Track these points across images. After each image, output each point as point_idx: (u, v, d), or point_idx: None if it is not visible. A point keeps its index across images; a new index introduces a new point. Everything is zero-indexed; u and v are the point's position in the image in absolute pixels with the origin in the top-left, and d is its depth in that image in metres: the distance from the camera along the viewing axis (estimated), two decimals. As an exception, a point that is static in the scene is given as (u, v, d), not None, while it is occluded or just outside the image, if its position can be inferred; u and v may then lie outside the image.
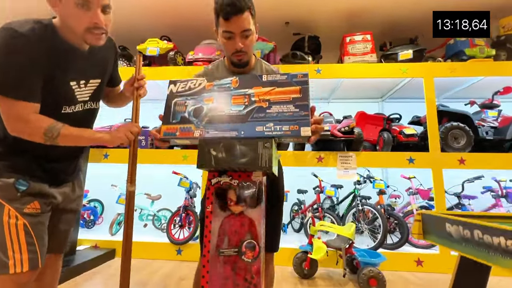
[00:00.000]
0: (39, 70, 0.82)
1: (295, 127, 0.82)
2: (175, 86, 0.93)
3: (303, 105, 0.83)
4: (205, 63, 2.85)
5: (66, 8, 0.80)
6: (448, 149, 2.62)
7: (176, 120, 0.89)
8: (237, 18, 0.95)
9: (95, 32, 0.84)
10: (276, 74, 0.88)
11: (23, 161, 0.89)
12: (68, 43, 0.87)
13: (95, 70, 0.98)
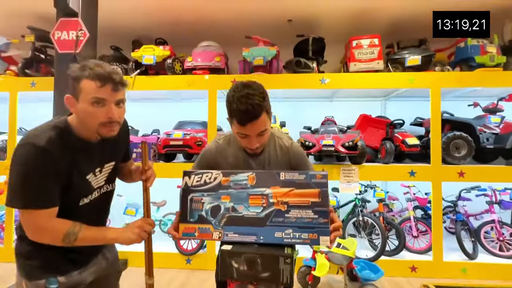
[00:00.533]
0: (58, 178, 0.85)
1: (314, 236, 0.83)
2: (189, 178, 0.91)
3: (322, 212, 0.83)
4: (205, 71, 2.73)
5: (83, 107, 0.85)
6: (449, 158, 2.66)
7: (194, 219, 0.89)
8: (252, 124, 0.91)
9: (109, 125, 0.88)
10: (294, 173, 0.86)
11: (49, 258, 0.91)
12: (83, 140, 0.91)
13: (108, 155, 1.01)
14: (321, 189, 0.84)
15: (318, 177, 0.85)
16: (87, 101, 0.83)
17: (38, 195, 0.81)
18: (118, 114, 0.89)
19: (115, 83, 0.85)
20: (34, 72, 2.97)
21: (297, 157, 1.10)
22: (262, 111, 0.92)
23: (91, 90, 0.82)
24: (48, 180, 0.82)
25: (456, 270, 2.46)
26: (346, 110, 3.47)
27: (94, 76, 0.82)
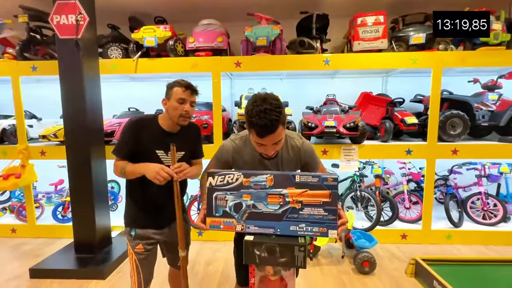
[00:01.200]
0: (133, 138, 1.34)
1: (324, 230, 0.98)
2: (213, 179, 1.03)
3: (332, 210, 0.97)
4: (208, 53, 2.70)
5: (172, 104, 1.33)
6: (444, 136, 2.79)
7: (219, 214, 1.03)
8: (270, 136, 1.01)
9: (184, 117, 1.34)
10: (308, 176, 0.97)
11: (134, 213, 1.41)
12: (162, 129, 1.38)
13: (180, 145, 1.37)
14: (331, 191, 0.97)
15: (329, 180, 0.97)
16: (175, 100, 1.31)
17: (119, 146, 1.35)
18: (191, 110, 1.35)
19: (193, 90, 1.34)
20: (33, 55, 2.91)
21: (308, 155, 1.22)
22: (279, 125, 1.00)
23: (179, 93, 1.31)
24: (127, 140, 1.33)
25: (442, 237, 2.75)
26: (347, 88, 3.50)
27: (182, 85, 1.33)
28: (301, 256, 0.95)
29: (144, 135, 1.34)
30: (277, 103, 1.01)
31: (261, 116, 0.97)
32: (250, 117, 1.00)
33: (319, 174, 0.98)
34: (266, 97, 1.02)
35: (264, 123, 0.97)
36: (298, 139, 1.23)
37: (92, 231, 2.46)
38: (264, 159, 1.19)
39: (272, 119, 0.97)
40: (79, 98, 2.36)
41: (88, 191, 2.43)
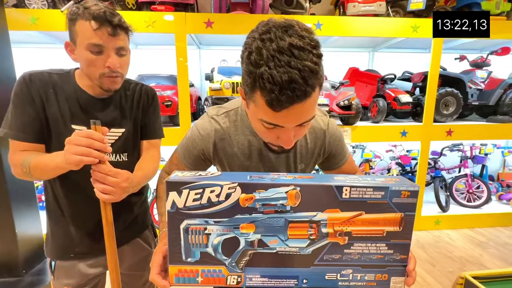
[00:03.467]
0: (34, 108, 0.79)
1: (384, 277, 0.56)
2: (180, 196, 0.53)
3: (402, 246, 0.55)
4: (169, 7, 2.05)
5: (79, 54, 0.79)
6: (437, 116, 2.58)
7: (194, 259, 0.55)
8: (296, 108, 0.51)
9: (110, 76, 0.80)
10: (367, 188, 0.53)
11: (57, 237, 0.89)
12: (82, 91, 0.84)
13: (119, 119, 0.89)
14: (405, 214, 0.54)
15: (404, 195, 0.53)
16: (83, 47, 0.76)
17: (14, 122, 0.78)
18: (119, 63, 0.80)
19: (113, 26, 0.75)
20: None
21: (334, 144, 0.77)
22: (317, 83, 0.51)
23: (88, 33, 0.74)
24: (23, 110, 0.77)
25: (431, 222, 2.62)
26: (333, 62, 3.12)
27: (89, 15, 0.73)
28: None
29: (51, 102, 0.80)
30: (312, 38, 0.50)
31: (281, 61, 0.47)
32: (256, 64, 0.49)
33: (386, 183, 0.54)
34: (292, 24, 0.51)
35: (288, 77, 0.47)
36: (322, 116, 0.77)
37: (13, 244, 1.80)
38: (269, 152, 0.72)
39: (305, 69, 0.47)
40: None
41: (1, 190, 1.74)
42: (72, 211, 0.87)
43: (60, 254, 0.89)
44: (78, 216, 0.87)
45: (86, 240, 0.88)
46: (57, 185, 0.85)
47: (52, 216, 0.89)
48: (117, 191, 0.70)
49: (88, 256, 0.90)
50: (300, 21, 0.53)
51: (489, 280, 0.96)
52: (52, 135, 0.81)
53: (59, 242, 0.89)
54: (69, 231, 0.87)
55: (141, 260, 1.02)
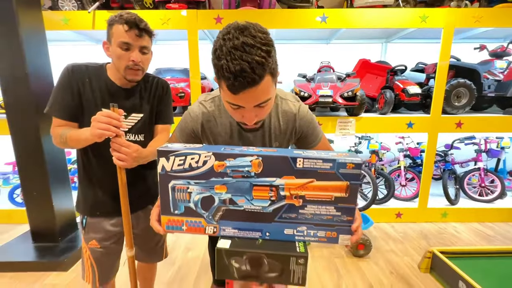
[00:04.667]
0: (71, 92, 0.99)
1: (333, 234, 0.68)
2: (167, 161, 0.69)
3: (347, 209, 0.67)
4: (182, 5, 2.21)
5: (113, 51, 0.98)
6: (448, 108, 2.54)
7: (179, 211, 0.71)
8: (249, 92, 0.64)
9: (133, 69, 0.99)
10: (317, 160, 0.65)
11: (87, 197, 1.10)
12: (112, 82, 1.04)
13: (138, 106, 1.08)
14: (350, 182, 0.66)
15: (349, 166, 0.65)
16: (117, 45, 0.95)
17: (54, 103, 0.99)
18: (141, 59, 0.98)
19: (139, 29, 0.95)
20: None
21: (305, 125, 0.89)
22: (265, 73, 0.63)
23: (120, 33, 0.94)
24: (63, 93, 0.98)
25: (438, 215, 2.62)
26: (343, 54, 3.15)
27: (124, 20, 0.93)
28: (299, 270, 0.66)
29: (86, 89, 1.00)
30: (264, 38, 0.64)
31: (235, 55, 0.60)
32: (219, 58, 0.63)
33: (334, 157, 0.65)
34: (247, 27, 0.64)
35: (240, 67, 0.60)
36: (294, 101, 0.89)
37: (51, 216, 2.12)
38: (246, 132, 0.85)
39: (253, 62, 0.60)
40: (18, 60, 1.87)
41: (42, 170, 2.04)
42: (98, 177, 1.08)
43: (89, 212, 1.10)
44: (103, 181, 1.07)
45: (109, 201, 1.08)
46: (88, 156, 1.06)
47: (83, 181, 1.11)
48: (128, 159, 0.91)
49: (110, 215, 1.10)
50: (257, 24, 0.65)
51: (456, 256, 1.03)
52: (85, 116, 1.00)
53: (88, 202, 1.10)
54: (96, 193, 1.09)
55: None
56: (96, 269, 1.12)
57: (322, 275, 1.87)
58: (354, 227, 0.67)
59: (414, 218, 2.62)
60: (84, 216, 1.12)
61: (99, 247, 1.10)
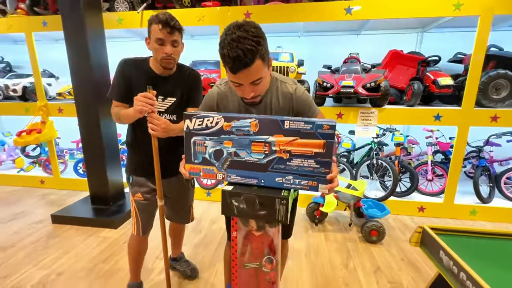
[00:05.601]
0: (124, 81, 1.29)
1: (314, 183, 0.85)
2: (191, 122, 0.91)
3: (325, 162, 0.83)
4: (215, 3, 2.46)
5: (152, 45, 1.24)
6: (484, 100, 2.41)
7: (198, 161, 0.94)
8: (245, 72, 0.84)
9: (167, 59, 1.23)
10: (300, 122, 0.82)
11: (132, 161, 1.41)
12: (153, 71, 1.30)
13: (172, 91, 1.32)
14: (326, 141, 0.82)
15: (325, 128, 0.81)
16: (154, 41, 1.20)
17: (112, 89, 1.31)
18: (173, 51, 1.22)
19: (171, 26, 1.17)
20: (43, 9, 2.87)
21: (302, 104, 1.05)
22: (255, 58, 0.83)
23: (156, 31, 1.18)
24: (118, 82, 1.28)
25: (465, 212, 2.51)
26: (375, 45, 3.11)
27: (159, 20, 1.16)
28: (282, 209, 0.84)
29: (134, 77, 1.28)
30: (255, 32, 0.84)
31: (232, 46, 0.81)
32: (222, 49, 0.84)
33: (313, 120, 0.82)
34: (242, 24, 0.84)
35: (236, 54, 0.81)
36: (292, 84, 1.06)
37: (105, 185, 2.57)
38: (250, 107, 1.05)
39: (245, 49, 0.81)
40: (84, 54, 2.31)
41: (100, 148, 2.49)
42: (142, 145, 1.36)
43: (134, 172, 1.41)
44: (145, 149, 1.35)
45: (148, 165, 1.35)
46: (135, 131, 1.36)
47: (131, 149, 1.42)
48: (159, 129, 1.19)
49: (150, 175, 1.36)
50: (251, 22, 0.86)
51: (444, 233, 1.09)
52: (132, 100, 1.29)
53: (134, 164, 1.41)
54: (140, 158, 1.39)
55: (183, 189, 1.51)
56: (140, 218, 1.41)
57: (333, 255, 1.99)
58: (329, 177, 0.83)
59: (438, 214, 2.55)
60: (130, 175, 1.42)
61: (142, 199, 1.40)
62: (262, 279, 1.03)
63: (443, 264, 0.96)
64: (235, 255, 1.01)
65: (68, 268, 1.83)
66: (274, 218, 0.86)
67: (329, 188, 0.84)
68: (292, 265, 1.88)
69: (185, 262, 1.79)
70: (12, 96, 3.25)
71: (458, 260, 0.88)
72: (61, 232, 2.30)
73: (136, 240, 1.46)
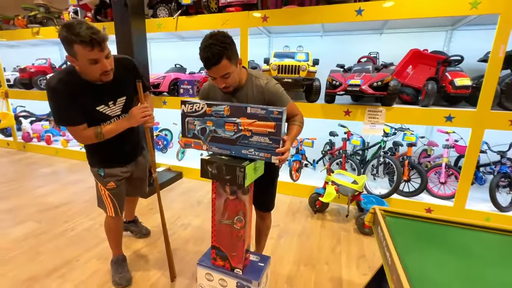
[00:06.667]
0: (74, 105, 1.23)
1: (268, 155, 1.11)
2: (185, 106, 1.23)
3: (275, 139, 1.08)
4: (238, 8, 2.77)
5: (82, 65, 1.16)
6: (508, 103, 2.30)
7: (190, 136, 1.26)
8: (215, 68, 1.13)
9: (105, 74, 1.23)
10: (257, 108, 1.08)
11: (102, 156, 1.48)
12: (88, 82, 1.25)
13: (119, 91, 1.38)
14: (276, 123, 1.06)
15: (275, 113, 1.06)
16: (84, 61, 1.13)
17: (67, 117, 1.25)
18: (109, 64, 1.20)
19: (100, 44, 1.10)
20: (103, 17, 3.51)
21: (272, 95, 1.28)
22: (222, 59, 1.11)
23: (85, 53, 1.10)
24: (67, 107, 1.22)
25: (478, 218, 2.42)
26: (399, 44, 3.09)
27: (82, 42, 1.06)
28: (241, 175, 1.11)
29: (79, 96, 1.22)
30: (222, 39, 1.11)
31: (205, 50, 1.10)
32: (199, 51, 1.14)
33: (267, 107, 1.07)
34: (214, 34, 1.13)
35: (206, 55, 1.10)
36: (264, 79, 1.30)
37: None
38: (231, 96, 1.32)
39: (214, 52, 1.09)
40: (129, 52, 2.82)
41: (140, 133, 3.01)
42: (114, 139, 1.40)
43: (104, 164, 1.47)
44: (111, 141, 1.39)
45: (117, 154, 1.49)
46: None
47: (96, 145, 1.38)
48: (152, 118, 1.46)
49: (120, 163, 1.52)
50: (222, 32, 1.13)
51: (392, 215, 1.22)
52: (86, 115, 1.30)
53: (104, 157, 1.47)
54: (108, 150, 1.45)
55: (144, 168, 1.74)
56: (116, 201, 1.52)
57: (324, 240, 2.17)
58: (278, 150, 1.08)
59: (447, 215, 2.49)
60: (101, 169, 1.46)
61: (115, 186, 1.50)
62: (235, 235, 1.31)
63: (378, 236, 1.12)
64: (214, 213, 1.32)
65: (107, 222, 2.35)
66: (235, 182, 1.13)
67: (279, 159, 1.09)
68: (283, 243, 2.11)
69: (140, 223, 2.17)
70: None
71: (385, 234, 1.05)
72: (105, 197, 2.87)
73: (114, 220, 1.59)
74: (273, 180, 1.52)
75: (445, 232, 1.14)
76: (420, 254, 0.98)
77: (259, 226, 1.65)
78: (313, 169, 3.46)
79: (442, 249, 1.02)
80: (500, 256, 1.00)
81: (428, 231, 1.16)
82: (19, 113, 5.06)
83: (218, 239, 1.33)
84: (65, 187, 3.10)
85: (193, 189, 3.11)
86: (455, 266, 0.92)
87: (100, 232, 2.19)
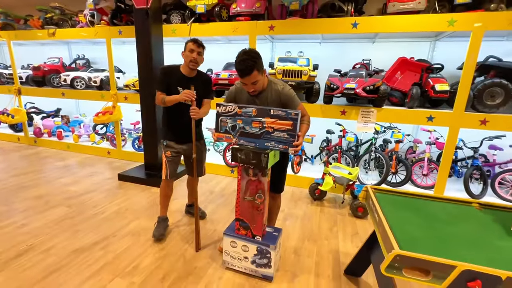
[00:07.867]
0: (165, 81, 2.00)
1: (286, 147, 1.45)
2: (220, 108, 1.57)
3: (292, 134, 1.43)
4: (247, 18, 3.09)
5: (185, 54, 1.95)
6: (479, 106, 2.70)
7: (222, 131, 1.59)
8: (247, 77, 1.46)
9: (193, 63, 1.94)
10: (279, 110, 1.43)
11: (166, 131, 2.12)
12: (183, 74, 2.00)
13: (195, 87, 1.91)
14: (293, 122, 1.40)
15: (293, 114, 1.40)
16: (187, 50, 1.92)
17: (158, 85, 2.00)
18: (197, 58, 1.93)
19: (198, 43, 1.93)
20: (119, 21, 3.77)
21: (286, 97, 1.63)
22: (253, 70, 1.46)
23: (189, 45, 1.91)
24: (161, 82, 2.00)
25: (453, 204, 2.82)
26: (389, 52, 3.46)
27: (191, 40, 1.93)
28: (264, 160, 1.46)
29: (171, 78, 1.98)
30: (254, 55, 1.45)
31: (240, 63, 1.45)
32: (235, 64, 1.48)
33: (287, 110, 1.42)
34: (247, 51, 1.47)
35: (241, 67, 1.45)
36: (280, 85, 1.65)
37: (156, 157, 3.40)
38: (255, 97, 1.66)
39: (247, 65, 1.43)
40: (147, 56, 3.12)
41: (154, 128, 3.31)
42: (173, 122, 2.06)
43: (167, 138, 2.10)
44: (175, 124, 2.06)
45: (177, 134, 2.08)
46: (169, 111, 2.05)
47: (165, 124, 2.11)
48: (197, 115, 1.86)
49: (177, 140, 2.09)
50: (253, 50, 1.47)
51: (382, 192, 1.59)
52: (170, 90, 1.98)
53: (168, 133, 2.11)
54: (172, 129, 2.10)
55: (199, 150, 2.17)
56: (168, 167, 2.11)
57: (322, 222, 2.53)
58: (294, 143, 1.42)
59: (427, 203, 2.90)
60: (165, 140, 2.11)
61: (170, 155, 2.10)
62: (255, 209, 1.65)
63: (370, 207, 1.48)
64: (239, 191, 1.66)
65: (130, 207, 2.66)
66: (260, 165, 1.47)
67: (294, 150, 1.43)
68: (288, 224, 2.46)
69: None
70: (92, 86, 4.28)
71: (375, 203, 1.41)
72: (124, 186, 3.17)
73: (165, 183, 2.15)
74: (284, 168, 1.87)
75: (420, 203, 1.52)
76: (400, 216, 1.34)
77: (270, 205, 2.00)
78: (311, 164, 3.82)
79: (416, 214, 1.38)
80: (456, 218, 1.37)
81: (407, 202, 1.53)
82: (29, 109, 5.27)
83: (242, 212, 1.67)
84: (83, 178, 3.38)
85: (204, 180, 3.43)
86: (424, 223, 1.29)
87: (129, 214, 2.50)
